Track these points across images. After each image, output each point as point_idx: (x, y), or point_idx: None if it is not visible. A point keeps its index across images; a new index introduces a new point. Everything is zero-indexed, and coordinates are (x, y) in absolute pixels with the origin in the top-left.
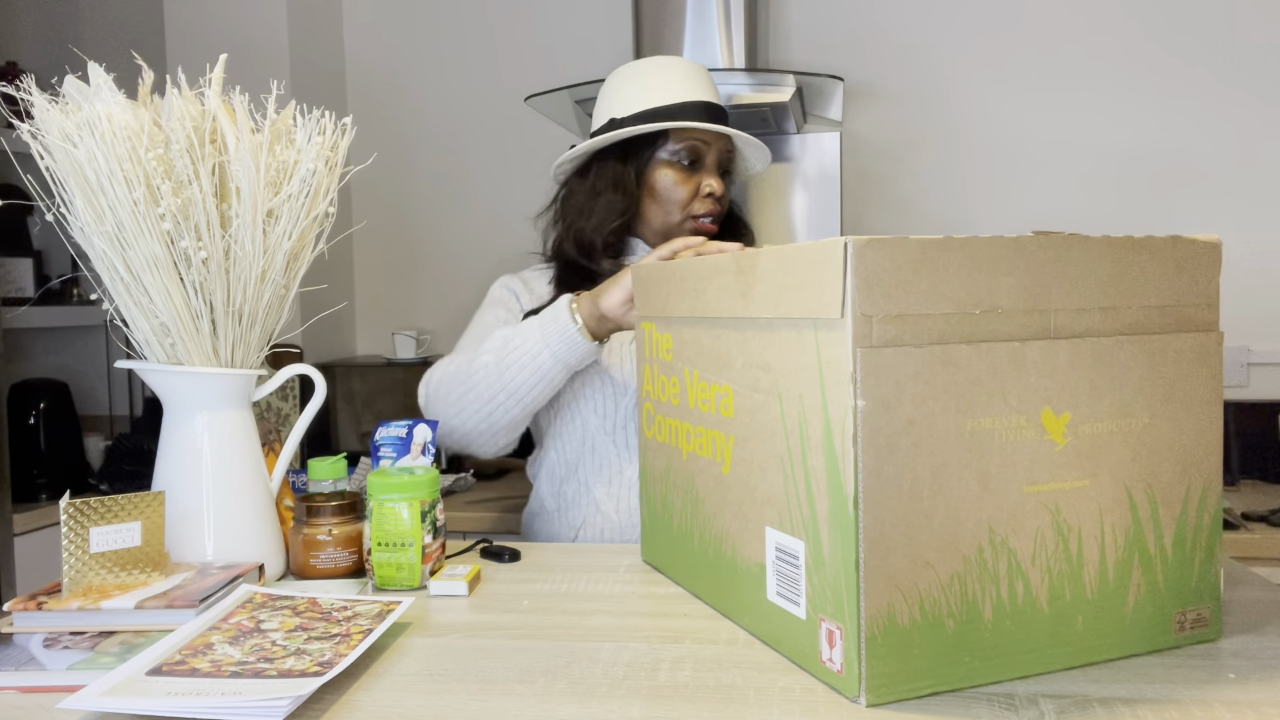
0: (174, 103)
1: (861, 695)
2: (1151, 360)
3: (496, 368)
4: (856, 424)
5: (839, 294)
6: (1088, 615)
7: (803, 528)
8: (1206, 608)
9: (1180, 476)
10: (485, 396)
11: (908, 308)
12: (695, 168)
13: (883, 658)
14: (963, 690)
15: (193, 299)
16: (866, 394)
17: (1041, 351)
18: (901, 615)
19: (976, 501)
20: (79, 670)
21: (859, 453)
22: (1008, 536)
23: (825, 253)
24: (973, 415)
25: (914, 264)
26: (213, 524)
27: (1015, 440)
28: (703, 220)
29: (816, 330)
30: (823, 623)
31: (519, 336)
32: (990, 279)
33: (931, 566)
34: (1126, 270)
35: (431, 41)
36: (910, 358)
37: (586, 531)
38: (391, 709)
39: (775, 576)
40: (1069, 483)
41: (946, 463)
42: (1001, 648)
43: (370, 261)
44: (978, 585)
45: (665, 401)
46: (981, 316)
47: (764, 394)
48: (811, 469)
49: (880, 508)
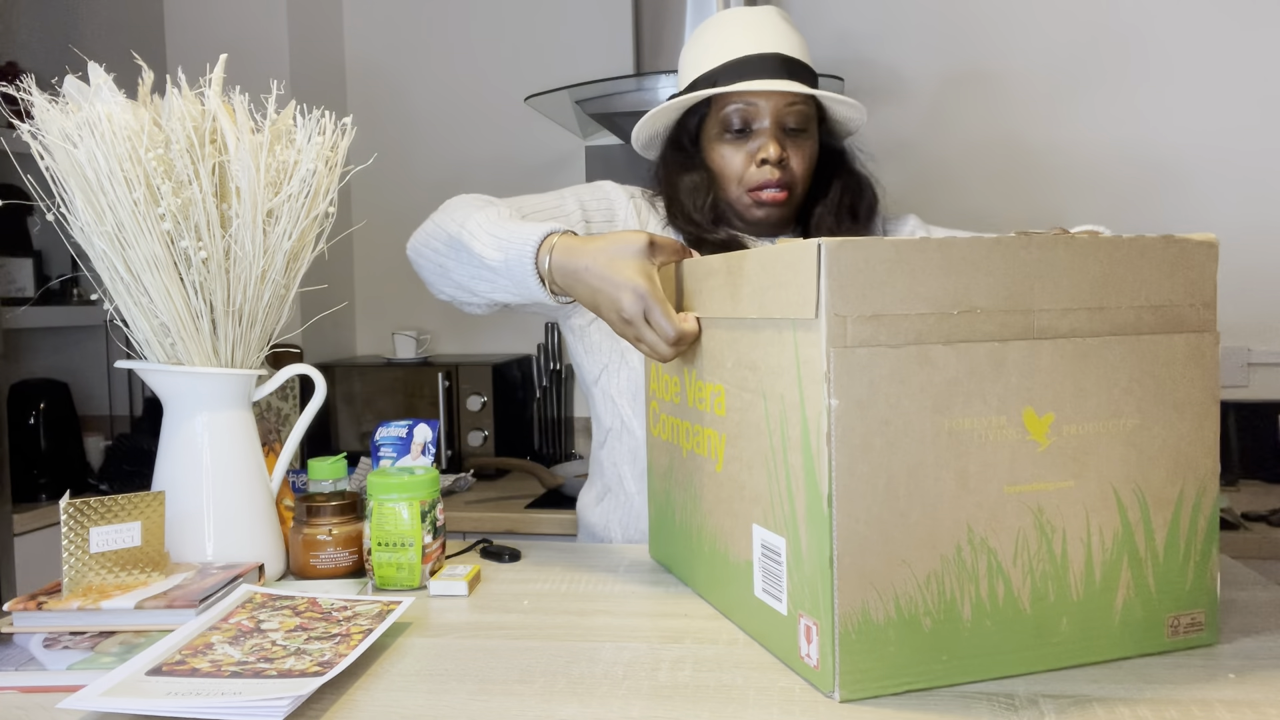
0: (174, 103)
1: (836, 690)
2: (1142, 361)
3: (457, 253)
4: (830, 423)
5: (813, 295)
6: (1073, 616)
7: (785, 525)
8: (1202, 612)
9: (1173, 479)
10: (442, 267)
11: (883, 308)
12: (745, 134)
13: (857, 654)
14: (959, 688)
15: (193, 299)
16: (840, 393)
17: (1023, 352)
18: (876, 612)
19: (954, 501)
20: (79, 670)
21: (832, 451)
22: (987, 536)
23: (800, 254)
24: (950, 415)
25: (889, 265)
26: (213, 524)
27: (995, 440)
28: (763, 192)
29: (795, 330)
30: (801, 618)
31: (488, 243)
32: (969, 279)
33: (908, 565)
34: (1116, 270)
35: (431, 42)
36: (885, 358)
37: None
38: (391, 709)
39: (761, 573)
40: (1053, 483)
41: (923, 462)
42: (982, 647)
43: (370, 261)
44: (956, 584)
45: (668, 400)
46: (960, 317)
47: (751, 393)
48: (791, 467)
49: (854, 505)
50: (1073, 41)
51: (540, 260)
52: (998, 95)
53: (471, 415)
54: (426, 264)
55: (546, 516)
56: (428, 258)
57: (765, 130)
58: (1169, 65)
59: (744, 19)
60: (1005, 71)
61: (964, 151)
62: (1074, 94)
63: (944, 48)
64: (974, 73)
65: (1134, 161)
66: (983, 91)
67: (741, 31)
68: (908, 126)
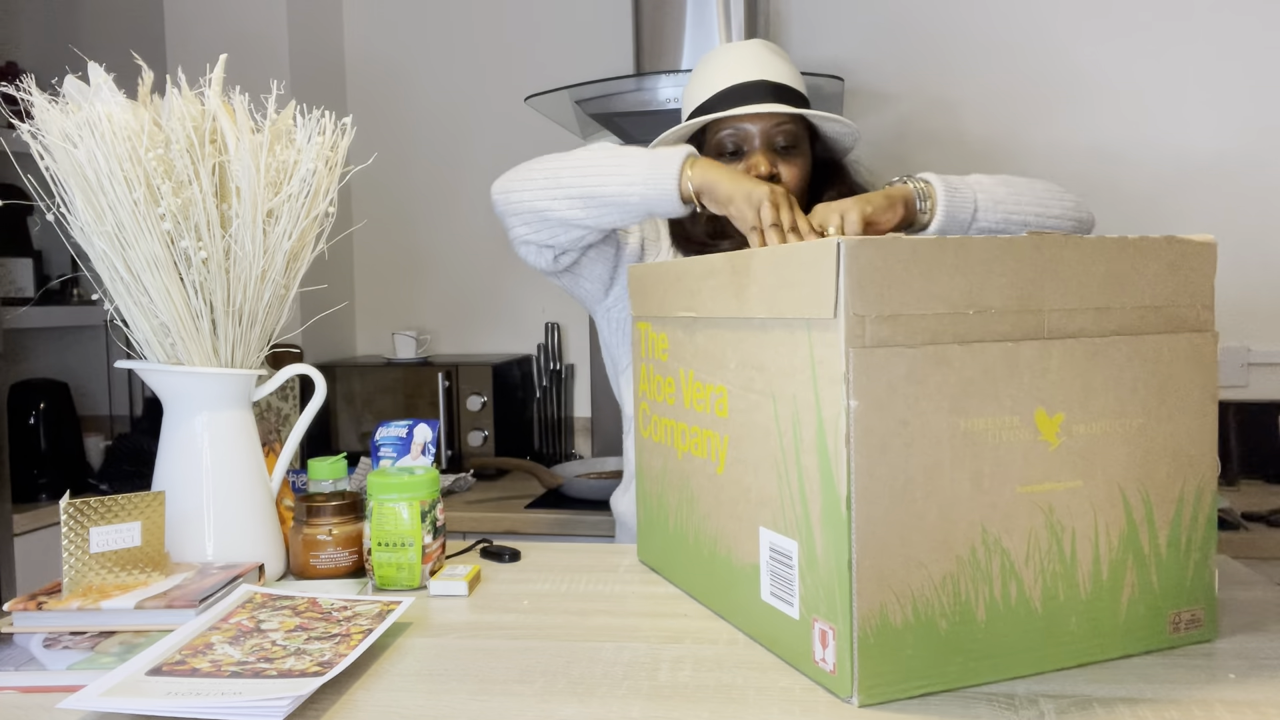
0: (174, 103)
1: (854, 695)
2: (1146, 361)
3: (586, 162)
4: (849, 424)
5: (832, 294)
6: (1081, 615)
7: (796, 528)
8: (1201, 608)
9: (1175, 477)
10: (560, 179)
11: (901, 308)
12: (739, 156)
13: (875, 658)
14: (961, 690)
15: (193, 299)
16: (859, 394)
17: (1035, 352)
18: (894, 615)
19: (969, 502)
20: (79, 670)
21: (851, 453)
22: (1001, 537)
23: (818, 253)
24: (966, 415)
25: (906, 264)
26: (213, 524)
27: (1008, 440)
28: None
29: (809, 330)
30: (816, 623)
31: (626, 154)
32: (983, 279)
33: (924, 567)
34: (1120, 270)
35: (431, 41)
36: (903, 358)
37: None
38: (391, 709)
39: (769, 577)
40: (1063, 483)
41: (939, 463)
42: (995, 648)
43: (370, 261)
44: (971, 585)
45: (661, 401)
46: (975, 317)
47: (758, 394)
48: (805, 469)
49: (873, 508)
50: (1075, 42)
51: (684, 170)
52: (1000, 96)
53: (471, 415)
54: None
55: (546, 516)
56: (536, 193)
57: (758, 150)
58: (1171, 66)
59: (734, 54)
60: (1008, 72)
61: (966, 153)
62: (1077, 95)
63: (945, 49)
64: (976, 74)
65: (1137, 161)
66: (985, 93)
67: (731, 64)
68: (909, 127)
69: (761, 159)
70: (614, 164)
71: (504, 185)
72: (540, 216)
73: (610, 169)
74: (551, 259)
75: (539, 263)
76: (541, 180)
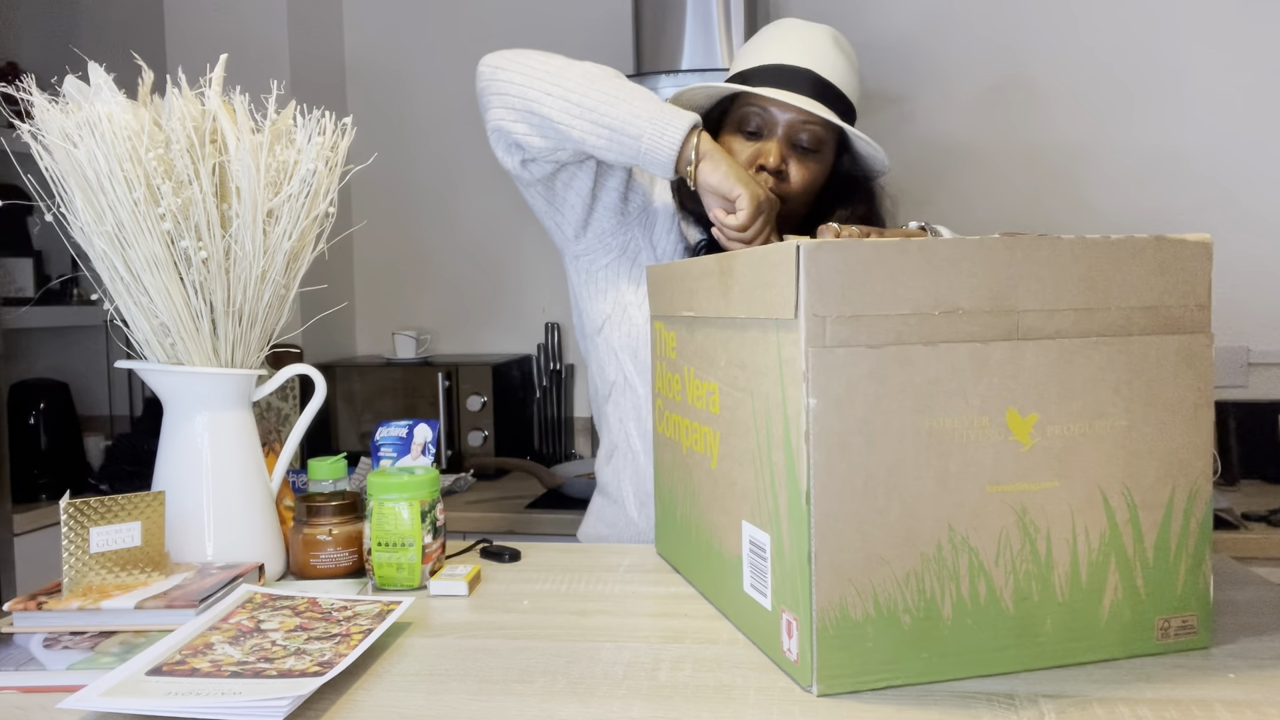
0: (174, 103)
1: (814, 684)
2: (1132, 362)
3: (599, 75)
4: (808, 421)
5: (793, 295)
6: (1058, 617)
7: (769, 521)
8: (1193, 615)
9: (1164, 481)
10: (564, 79)
11: (863, 309)
12: (756, 137)
13: (834, 649)
14: (959, 687)
15: (193, 299)
16: (818, 392)
17: (1006, 352)
18: (854, 608)
19: (934, 500)
20: (79, 670)
21: (811, 449)
22: (969, 535)
23: (782, 255)
24: (931, 415)
25: (868, 267)
26: (213, 524)
27: (977, 440)
28: None
29: (778, 330)
30: (783, 613)
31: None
32: (951, 280)
33: (887, 562)
34: (1103, 271)
35: (432, 41)
36: (864, 358)
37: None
38: (391, 709)
39: (749, 568)
40: (1037, 484)
41: (902, 461)
42: (963, 645)
43: (370, 261)
44: (936, 582)
45: (671, 397)
46: (941, 317)
47: (741, 391)
48: (775, 465)
49: (832, 503)
50: (1076, 42)
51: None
52: (1002, 99)
53: (471, 415)
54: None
55: (546, 516)
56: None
57: (776, 140)
58: (1171, 65)
59: (797, 32)
60: (1010, 75)
61: (967, 154)
62: (1077, 95)
63: (947, 52)
64: (977, 76)
65: (1137, 161)
66: (987, 95)
67: (789, 42)
68: (909, 128)
69: (774, 150)
70: (626, 92)
71: (499, 61)
72: (528, 107)
73: (622, 95)
74: (519, 162)
75: (506, 160)
76: (542, 71)
